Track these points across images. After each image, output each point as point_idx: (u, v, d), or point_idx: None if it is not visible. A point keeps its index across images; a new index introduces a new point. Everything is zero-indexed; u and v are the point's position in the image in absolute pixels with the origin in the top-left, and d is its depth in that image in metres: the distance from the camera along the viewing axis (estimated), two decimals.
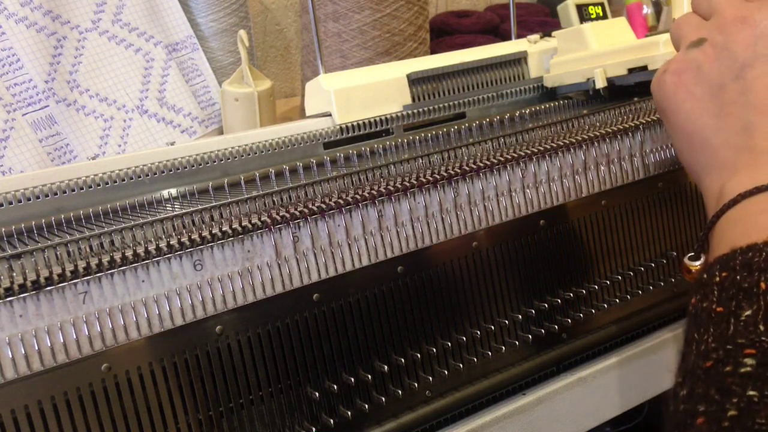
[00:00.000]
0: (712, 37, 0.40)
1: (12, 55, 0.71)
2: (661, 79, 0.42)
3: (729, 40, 0.39)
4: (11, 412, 0.32)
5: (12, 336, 0.32)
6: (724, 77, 0.38)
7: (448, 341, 0.44)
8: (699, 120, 0.39)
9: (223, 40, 0.84)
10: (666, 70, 0.41)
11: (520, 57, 0.62)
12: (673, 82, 0.41)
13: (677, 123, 0.41)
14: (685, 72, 0.40)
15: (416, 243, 0.43)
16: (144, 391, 0.36)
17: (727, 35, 0.39)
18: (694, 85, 0.40)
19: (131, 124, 0.76)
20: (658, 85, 0.42)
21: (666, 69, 0.42)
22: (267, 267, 0.38)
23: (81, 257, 0.35)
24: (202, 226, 0.38)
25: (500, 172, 0.46)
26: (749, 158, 0.36)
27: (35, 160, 0.70)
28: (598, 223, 0.50)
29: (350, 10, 0.82)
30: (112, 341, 0.35)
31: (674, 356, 0.32)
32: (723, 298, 0.29)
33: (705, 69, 0.39)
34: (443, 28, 1.10)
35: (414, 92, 0.57)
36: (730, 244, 0.31)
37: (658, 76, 0.42)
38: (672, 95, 0.41)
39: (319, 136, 0.53)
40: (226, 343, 0.38)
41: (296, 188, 0.44)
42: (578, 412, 0.49)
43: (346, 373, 0.41)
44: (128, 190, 0.47)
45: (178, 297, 0.36)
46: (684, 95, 0.40)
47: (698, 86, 0.39)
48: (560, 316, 0.49)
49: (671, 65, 0.41)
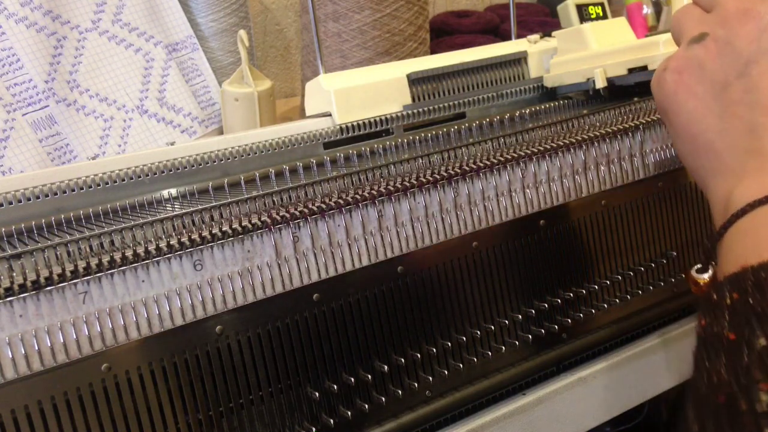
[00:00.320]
0: (713, 32, 0.38)
1: (12, 55, 0.71)
2: (662, 78, 0.40)
3: (731, 35, 0.37)
4: (11, 412, 0.32)
5: (12, 336, 0.32)
6: (727, 75, 0.36)
7: (448, 341, 0.44)
8: (702, 121, 0.37)
9: (223, 40, 0.84)
10: (666, 68, 0.40)
11: (520, 57, 0.62)
12: (674, 81, 0.39)
13: (679, 124, 0.39)
14: (687, 70, 0.38)
15: (416, 243, 0.43)
16: (144, 391, 0.36)
17: (729, 29, 0.37)
18: (696, 84, 0.38)
19: (131, 124, 0.77)
20: (658, 84, 0.40)
21: (666, 67, 0.40)
22: (267, 267, 0.38)
23: (81, 257, 0.35)
24: (202, 226, 0.38)
25: (500, 172, 0.46)
26: (757, 163, 0.34)
27: (35, 160, 0.70)
28: (598, 223, 0.50)
29: (350, 10, 0.82)
30: (112, 341, 0.35)
31: (674, 356, 0.32)
32: (735, 323, 0.27)
33: (707, 66, 0.37)
34: (443, 28, 1.10)
35: (414, 92, 0.57)
36: (741, 259, 0.30)
37: (658, 74, 0.40)
38: (673, 95, 0.39)
39: (319, 136, 0.53)
40: (226, 343, 0.38)
41: (296, 188, 0.44)
42: (578, 412, 0.49)
43: (346, 373, 0.41)
44: (128, 190, 0.47)
45: (178, 297, 0.36)
46: (685, 95, 0.38)
47: (700, 85, 0.37)
48: (560, 316, 0.49)
49: (671, 63, 0.39)
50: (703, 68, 0.37)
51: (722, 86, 0.36)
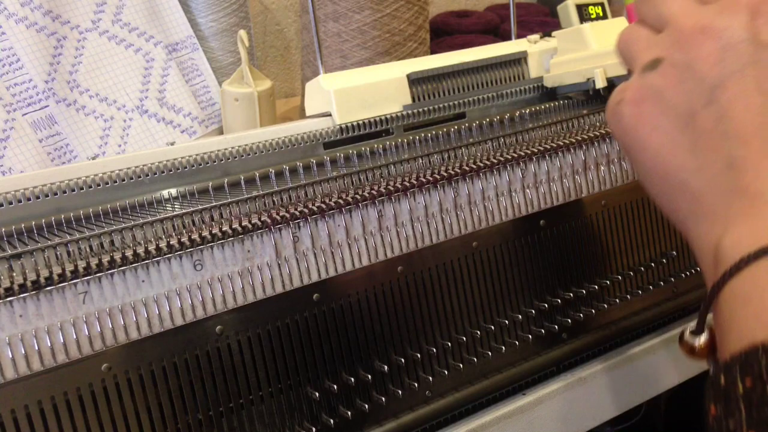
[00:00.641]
0: (670, 56, 0.33)
1: (12, 55, 0.71)
2: (617, 111, 0.34)
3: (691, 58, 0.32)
4: (11, 412, 0.32)
5: (12, 336, 0.32)
6: (693, 103, 0.32)
7: (448, 341, 0.44)
8: (672, 159, 0.32)
9: (223, 40, 0.84)
10: (621, 100, 0.34)
11: (520, 57, 0.62)
12: (632, 115, 0.33)
13: (645, 163, 0.33)
14: (645, 101, 0.33)
15: (416, 243, 0.43)
16: (144, 391, 0.36)
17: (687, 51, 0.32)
18: (658, 116, 0.33)
19: (131, 124, 0.76)
20: (614, 118, 0.35)
21: (621, 99, 0.34)
22: (267, 267, 0.38)
23: (81, 257, 0.35)
24: (202, 226, 0.38)
25: (500, 172, 0.46)
26: (743, 204, 0.29)
27: (35, 160, 0.70)
28: (598, 223, 0.50)
29: (350, 10, 0.82)
30: (112, 341, 0.35)
31: (674, 356, 0.32)
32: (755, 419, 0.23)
33: (668, 96, 0.32)
34: (443, 28, 1.10)
35: (414, 92, 0.57)
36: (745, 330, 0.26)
37: (612, 107, 0.35)
38: (633, 130, 0.33)
39: (319, 136, 0.53)
40: (226, 343, 0.38)
41: (296, 188, 0.44)
42: (578, 412, 0.49)
43: (346, 373, 0.41)
44: (128, 190, 0.47)
45: (178, 297, 0.36)
46: (648, 129, 0.33)
47: (663, 117, 0.32)
48: (560, 316, 0.49)
49: (627, 94, 0.34)
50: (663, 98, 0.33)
51: (689, 117, 0.32)
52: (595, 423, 0.50)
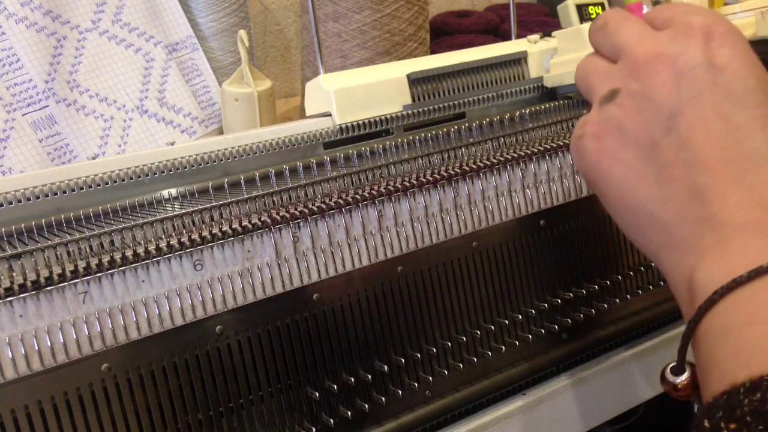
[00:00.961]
0: (626, 86, 0.33)
1: (12, 55, 0.71)
2: (579, 146, 0.34)
3: (647, 87, 0.32)
4: (11, 412, 0.32)
5: (12, 336, 0.32)
6: (653, 133, 0.31)
7: (448, 341, 0.44)
8: (637, 191, 0.32)
9: (223, 40, 0.84)
10: (583, 134, 0.34)
11: (520, 57, 0.62)
12: (594, 149, 0.33)
13: (612, 196, 0.33)
14: (606, 134, 0.33)
15: (416, 243, 0.43)
16: (144, 391, 0.36)
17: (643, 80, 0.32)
18: (619, 149, 0.32)
19: (131, 124, 0.76)
20: (577, 153, 0.35)
21: (583, 134, 0.34)
22: (267, 267, 0.38)
23: (81, 257, 0.35)
24: (202, 226, 0.38)
25: (500, 172, 0.46)
26: (714, 235, 0.29)
27: (35, 160, 0.70)
28: (598, 223, 0.50)
29: (350, 10, 0.82)
30: (112, 341, 0.35)
31: (674, 357, 0.32)
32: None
33: (628, 127, 0.32)
34: (443, 28, 1.10)
35: (414, 92, 0.57)
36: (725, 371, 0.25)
37: (574, 141, 0.35)
38: (596, 164, 0.33)
39: (319, 136, 0.53)
40: (226, 343, 0.38)
41: (296, 188, 0.44)
42: (578, 412, 0.49)
43: (346, 373, 0.41)
44: (128, 190, 0.47)
45: (178, 297, 0.36)
46: (610, 163, 0.33)
47: (625, 149, 0.32)
48: (560, 316, 0.49)
49: (587, 128, 0.34)
50: (623, 130, 0.32)
51: (650, 147, 0.31)
52: (595, 423, 0.50)
